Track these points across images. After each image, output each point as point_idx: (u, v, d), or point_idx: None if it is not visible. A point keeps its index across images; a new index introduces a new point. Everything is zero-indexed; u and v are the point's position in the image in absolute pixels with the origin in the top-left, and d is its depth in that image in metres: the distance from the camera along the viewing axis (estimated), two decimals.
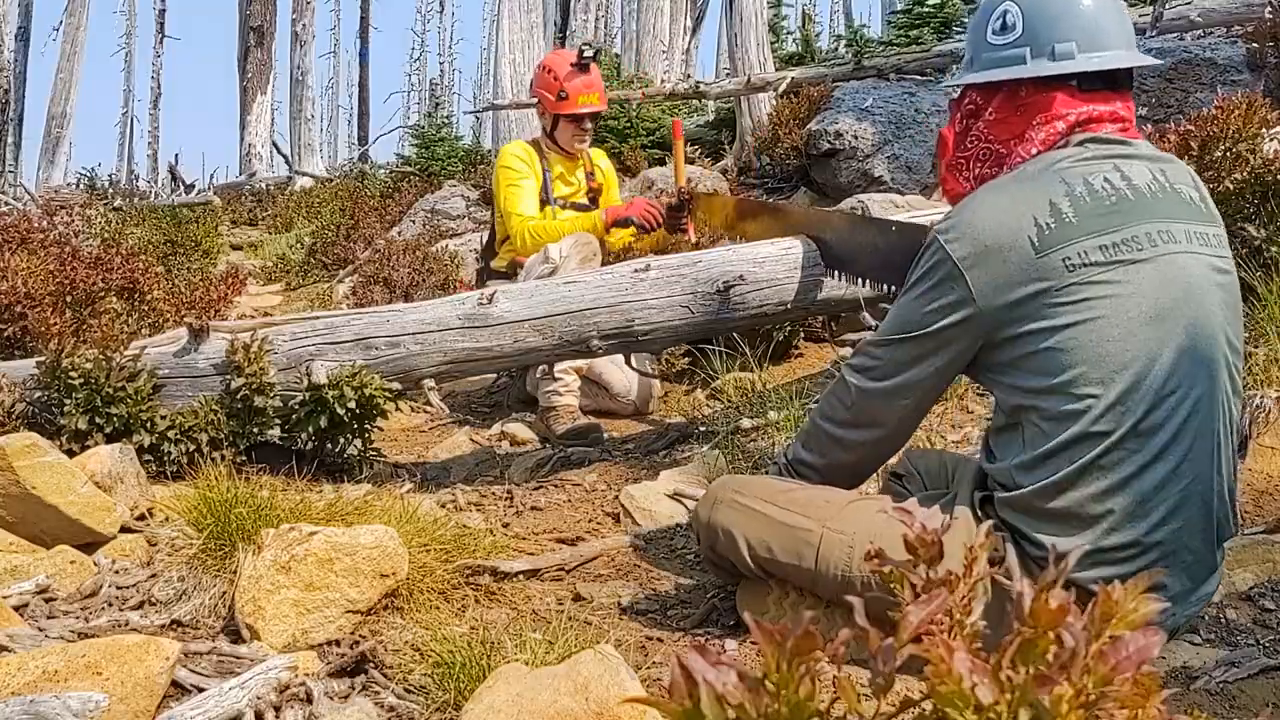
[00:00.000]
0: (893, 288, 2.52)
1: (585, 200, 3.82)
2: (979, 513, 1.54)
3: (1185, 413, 1.43)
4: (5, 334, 3.30)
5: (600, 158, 3.94)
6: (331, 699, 1.42)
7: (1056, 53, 1.54)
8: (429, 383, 3.43)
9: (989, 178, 1.64)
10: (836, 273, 2.75)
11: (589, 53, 3.68)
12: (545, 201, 3.74)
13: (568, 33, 14.24)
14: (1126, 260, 1.44)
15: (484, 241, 4.11)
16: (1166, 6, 6.80)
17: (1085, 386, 1.42)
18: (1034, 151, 1.57)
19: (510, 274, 3.63)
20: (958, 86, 1.72)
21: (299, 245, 8.83)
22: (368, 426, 2.77)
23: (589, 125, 3.72)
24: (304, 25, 17.95)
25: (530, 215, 3.59)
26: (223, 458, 2.46)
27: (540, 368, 3.36)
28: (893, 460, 1.94)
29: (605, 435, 3.20)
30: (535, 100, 3.83)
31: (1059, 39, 1.54)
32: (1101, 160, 1.51)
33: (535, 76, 3.84)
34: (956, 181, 1.72)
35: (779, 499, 1.69)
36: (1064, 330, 1.44)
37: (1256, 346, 2.48)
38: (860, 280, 2.67)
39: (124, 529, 2.07)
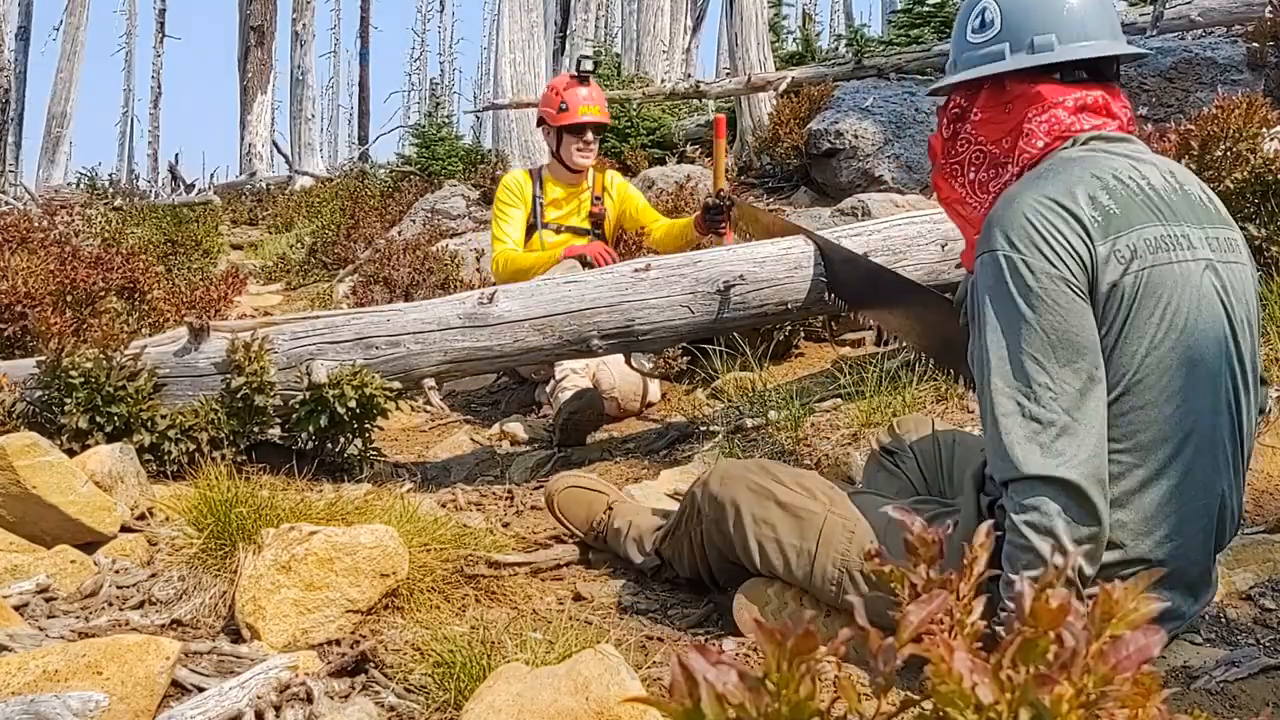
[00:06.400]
0: (952, 371, 2.44)
1: (586, 224, 3.85)
2: (989, 517, 1.51)
3: (1189, 425, 1.36)
4: (5, 333, 3.30)
5: (614, 180, 3.95)
6: (332, 698, 1.41)
7: (1036, 45, 1.49)
8: (429, 382, 3.43)
9: (986, 183, 1.58)
10: (896, 339, 2.59)
11: (587, 65, 3.73)
12: (534, 227, 3.79)
13: (568, 32, 14.25)
14: (1159, 262, 1.36)
15: None
16: (1166, 6, 6.80)
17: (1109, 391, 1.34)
18: (1039, 144, 1.49)
19: None
20: (946, 92, 1.65)
21: (299, 245, 8.83)
22: (368, 426, 2.77)
23: (591, 138, 3.74)
24: (304, 25, 17.94)
25: (508, 244, 3.71)
26: (223, 457, 2.46)
27: (549, 384, 3.38)
28: (881, 434, 1.94)
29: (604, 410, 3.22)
30: (540, 122, 3.87)
31: (1038, 31, 1.49)
32: (1117, 156, 1.45)
33: (540, 101, 3.89)
34: (950, 187, 1.66)
35: (786, 479, 1.71)
36: (1110, 327, 1.35)
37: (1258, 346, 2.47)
38: (923, 356, 2.58)
39: (124, 528, 2.07)
